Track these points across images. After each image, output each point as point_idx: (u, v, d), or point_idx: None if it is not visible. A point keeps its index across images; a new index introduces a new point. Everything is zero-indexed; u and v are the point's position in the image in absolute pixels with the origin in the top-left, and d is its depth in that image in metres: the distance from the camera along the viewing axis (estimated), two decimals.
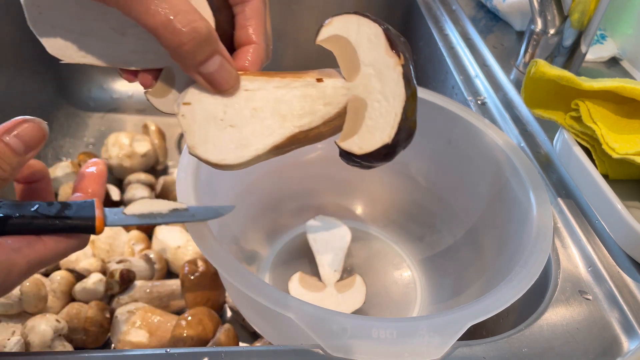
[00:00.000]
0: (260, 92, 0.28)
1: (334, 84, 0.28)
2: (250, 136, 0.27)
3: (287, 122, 0.28)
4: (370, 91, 0.28)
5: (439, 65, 0.66)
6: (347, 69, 0.28)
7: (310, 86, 0.28)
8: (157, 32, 0.24)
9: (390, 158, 0.28)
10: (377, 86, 0.27)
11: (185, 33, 0.24)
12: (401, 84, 0.27)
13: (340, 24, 0.28)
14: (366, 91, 0.28)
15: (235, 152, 0.27)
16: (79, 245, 0.28)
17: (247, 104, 0.28)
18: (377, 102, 0.27)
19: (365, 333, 0.30)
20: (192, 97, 0.27)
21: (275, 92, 0.28)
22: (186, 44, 0.24)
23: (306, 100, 0.28)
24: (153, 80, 0.29)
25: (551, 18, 0.56)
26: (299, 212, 0.57)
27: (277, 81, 0.28)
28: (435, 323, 0.31)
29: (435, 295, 0.50)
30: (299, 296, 0.48)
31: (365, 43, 0.28)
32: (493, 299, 0.32)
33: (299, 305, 0.31)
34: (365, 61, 0.28)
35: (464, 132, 0.48)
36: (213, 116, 0.27)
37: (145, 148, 0.68)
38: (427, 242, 0.54)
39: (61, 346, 0.46)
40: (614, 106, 0.43)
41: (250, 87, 0.28)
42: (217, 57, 0.26)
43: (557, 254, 0.39)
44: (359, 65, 0.28)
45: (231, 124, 0.27)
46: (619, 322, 0.35)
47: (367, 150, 0.28)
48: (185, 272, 0.50)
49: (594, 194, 0.40)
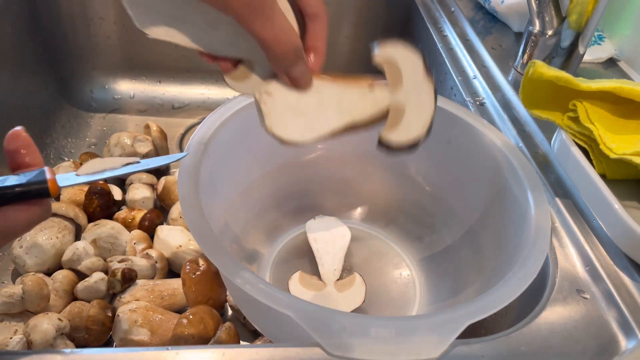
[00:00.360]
0: (327, 90, 0.36)
1: (382, 92, 0.37)
2: (315, 123, 0.36)
3: (345, 114, 0.36)
4: (410, 101, 0.37)
5: (437, 66, 0.66)
6: (393, 82, 0.37)
7: (364, 90, 0.37)
8: (266, 44, 0.31)
9: (414, 150, 0.38)
10: (414, 99, 0.37)
11: (289, 47, 0.31)
12: (432, 99, 0.37)
13: (390, 50, 0.37)
14: (406, 101, 0.37)
15: (303, 134, 0.36)
16: (41, 213, 0.29)
17: (315, 98, 0.36)
18: (414, 109, 0.37)
19: (364, 331, 0.30)
20: (274, 89, 0.35)
21: (338, 91, 0.36)
22: (287, 55, 0.32)
23: (360, 100, 0.37)
24: (232, 66, 0.34)
25: (549, 19, 0.56)
26: (299, 211, 0.57)
27: (340, 83, 0.36)
28: (433, 322, 0.31)
29: (434, 295, 0.51)
30: (299, 295, 0.48)
31: (409, 67, 0.37)
32: (490, 299, 0.32)
33: (298, 303, 0.31)
34: (408, 80, 0.37)
35: (463, 133, 0.48)
36: (290, 106, 0.35)
37: (146, 148, 0.69)
38: (426, 242, 0.54)
39: (63, 345, 0.46)
40: (612, 107, 0.43)
41: (319, 86, 0.36)
42: (302, 63, 0.33)
43: (554, 253, 0.39)
44: (402, 82, 0.37)
45: (302, 113, 0.35)
46: (617, 320, 0.35)
47: (402, 142, 0.38)
48: (187, 271, 0.51)
49: (592, 193, 0.40)
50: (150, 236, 0.59)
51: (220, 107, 0.46)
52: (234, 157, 0.48)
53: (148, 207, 0.64)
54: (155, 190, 0.65)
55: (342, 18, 0.85)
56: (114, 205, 0.62)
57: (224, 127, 0.45)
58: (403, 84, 0.38)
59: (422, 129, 0.38)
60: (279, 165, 0.54)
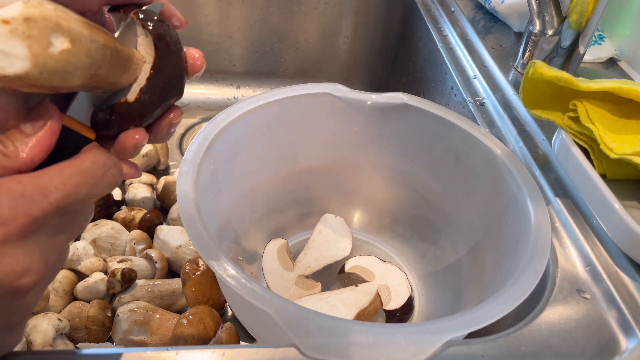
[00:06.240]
0: (330, 298, 0.46)
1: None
2: (338, 313, 0.45)
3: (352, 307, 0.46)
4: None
5: (438, 66, 0.66)
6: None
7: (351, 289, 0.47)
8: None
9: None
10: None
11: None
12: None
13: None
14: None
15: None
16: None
17: (325, 303, 0.45)
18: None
19: (341, 335, 0.30)
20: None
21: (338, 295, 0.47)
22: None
23: (354, 294, 0.47)
24: None
25: (549, 19, 0.56)
26: (303, 217, 0.57)
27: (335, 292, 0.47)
28: (413, 332, 0.30)
29: (433, 311, 0.50)
30: (268, 258, 0.50)
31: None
32: (475, 315, 0.31)
33: (278, 302, 0.30)
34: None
35: (472, 150, 0.47)
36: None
37: (146, 148, 0.69)
38: (429, 258, 0.54)
39: (63, 345, 0.46)
40: (612, 107, 0.43)
41: (323, 296, 0.46)
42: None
43: (555, 253, 0.39)
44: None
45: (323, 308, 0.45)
46: (617, 320, 0.35)
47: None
48: (187, 271, 0.51)
49: (592, 193, 0.40)
50: (150, 236, 0.59)
51: (229, 107, 0.46)
52: (241, 159, 0.48)
53: (148, 207, 0.64)
54: (155, 190, 0.65)
55: (342, 18, 0.85)
56: (113, 205, 0.62)
57: (232, 126, 0.45)
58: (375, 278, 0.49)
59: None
60: (287, 171, 0.54)
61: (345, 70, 0.91)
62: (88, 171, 0.23)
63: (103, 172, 0.24)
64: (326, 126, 0.52)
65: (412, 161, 0.53)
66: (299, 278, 0.50)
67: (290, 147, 0.53)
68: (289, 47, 0.87)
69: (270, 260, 0.51)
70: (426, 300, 0.51)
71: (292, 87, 0.49)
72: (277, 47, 0.87)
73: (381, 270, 0.51)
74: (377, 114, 0.51)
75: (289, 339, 0.30)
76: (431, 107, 0.49)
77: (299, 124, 0.51)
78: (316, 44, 0.87)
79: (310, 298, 0.47)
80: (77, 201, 0.23)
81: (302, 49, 0.88)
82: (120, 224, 0.58)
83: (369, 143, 0.54)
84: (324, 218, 0.56)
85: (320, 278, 0.51)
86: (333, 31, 0.87)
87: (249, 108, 0.46)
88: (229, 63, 0.88)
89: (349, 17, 0.85)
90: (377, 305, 0.47)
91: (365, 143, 0.54)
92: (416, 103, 0.50)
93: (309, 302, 0.46)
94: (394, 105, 0.50)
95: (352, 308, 0.45)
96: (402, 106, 0.50)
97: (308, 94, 0.49)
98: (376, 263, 0.52)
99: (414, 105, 0.50)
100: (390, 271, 0.51)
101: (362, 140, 0.53)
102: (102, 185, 0.24)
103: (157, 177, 0.68)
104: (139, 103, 0.25)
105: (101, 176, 0.24)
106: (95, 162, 0.24)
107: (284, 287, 0.49)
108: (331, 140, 0.54)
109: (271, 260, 0.51)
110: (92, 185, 0.23)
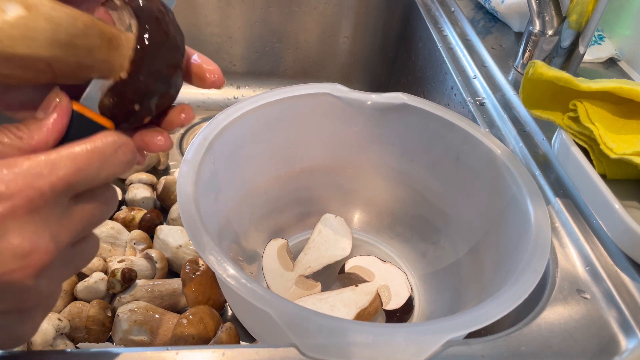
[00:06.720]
0: (330, 298, 0.46)
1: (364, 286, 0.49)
2: (338, 313, 0.45)
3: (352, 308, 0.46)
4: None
5: (437, 66, 0.66)
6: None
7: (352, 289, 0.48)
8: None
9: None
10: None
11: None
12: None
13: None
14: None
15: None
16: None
17: (325, 303, 0.46)
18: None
19: (341, 335, 0.30)
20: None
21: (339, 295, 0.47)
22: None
23: (354, 294, 0.47)
24: None
25: (549, 19, 0.56)
26: (303, 217, 0.57)
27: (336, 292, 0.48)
28: (413, 332, 0.30)
29: (433, 311, 0.50)
30: (268, 258, 0.50)
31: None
32: (475, 315, 0.31)
33: (278, 301, 0.30)
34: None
35: (472, 150, 0.47)
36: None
37: None
38: (429, 258, 0.54)
39: (63, 345, 0.46)
40: (612, 107, 0.43)
41: (323, 296, 0.47)
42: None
43: (555, 253, 0.39)
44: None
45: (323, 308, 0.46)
46: (617, 320, 0.35)
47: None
48: (187, 271, 0.51)
49: (592, 193, 0.40)
50: (150, 236, 0.59)
51: (229, 107, 0.46)
52: (241, 159, 0.48)
53: (148, 207, 0.64)
54: (155, 190, 0.65)
55: (342, 18, 0.85)
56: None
57: (231, 126, 0.45)
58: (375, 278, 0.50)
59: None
60: (287, 171, 0.54)
61: (345, 70, 0.91)
62: (98, 148, 0.24)
63: (114, 149, 0.24)
64: (326, 126, 0.52)
65: (412, 161, 0.53)
66: (299, 278, 0.50)
67: (290, 147, 0.53)
68: (289, 47, 0.87)
69: (270, 260, 0.51)
70: (426, 300, 0.51)
71: (292, 87, 0.49)
72: (277, 47, 0.87)
73: (381, 270, 0.51)
74: (377, 114, 0.51)
75: (289, 339, 0.30)
76: (431, 107, 0.49)
77: (299, 124, 0.51)
78: (316, 44, 0.87)
79: (310, 298, 0.47)
80: (87, 178, 0.23)
81: (302, 49, 0.88)
82: (120, 224, 0.58)
83: (369, 143, 0.54)
84: (324, 218, 0.56)
85: (320, 278, 0.51)
86: (333, 31, 0.87)
87: (249, 108, 0.46)
88: (229, 63, 0.88)
89: (349, 17, 0.85)
90: (377, 305, 0.47)
91: (365, 143, 0.54)
92: (416, 103, 0.50)
93: (309, 302, 0.46)
94: (394, 105, 0.50)
95: (352, 308, 0.45)
96: (402, 106, 0.50)
97: (308, 94, 0.49)
98: (376, 263, 0.52)
99: (414, 105, 0.50)
100: (390, 271, 0.51)
101: (362, 140, 0.53)
102: (113, 162, 0.24)
103: (157, 177, 0.68)
104: (133, 78, 0.25)
105: (112, 153, 0.24)
106: (105, 141, 0.24)
107: (284, 287, 0.49)
108: (331, 140, 0.54)
109: (271, 260, 0.51)
110: (103, 162, 0.24)
